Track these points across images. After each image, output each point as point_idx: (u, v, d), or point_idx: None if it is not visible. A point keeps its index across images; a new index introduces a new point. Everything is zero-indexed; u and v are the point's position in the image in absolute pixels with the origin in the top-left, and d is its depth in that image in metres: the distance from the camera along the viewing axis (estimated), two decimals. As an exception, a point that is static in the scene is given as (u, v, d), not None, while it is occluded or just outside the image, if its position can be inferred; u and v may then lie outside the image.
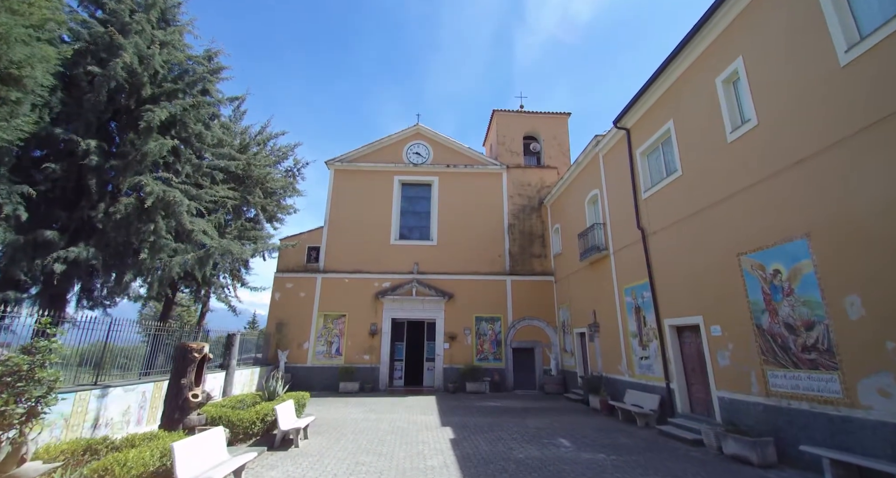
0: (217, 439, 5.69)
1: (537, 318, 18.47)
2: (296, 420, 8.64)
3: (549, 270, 19.19)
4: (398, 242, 19.48)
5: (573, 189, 16.57)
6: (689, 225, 9.47)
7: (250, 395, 10.14)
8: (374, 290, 18.55)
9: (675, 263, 9.94)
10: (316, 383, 17.21)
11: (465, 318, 18.34)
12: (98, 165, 8.25)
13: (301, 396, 10.44)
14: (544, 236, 19.77)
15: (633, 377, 11.61)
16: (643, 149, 11.42)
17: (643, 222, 11.30)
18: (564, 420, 11.02)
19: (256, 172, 12.43)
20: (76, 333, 7.97)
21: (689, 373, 9.76)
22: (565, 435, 9.21)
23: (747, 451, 7.05)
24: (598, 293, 14.00)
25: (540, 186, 20.53)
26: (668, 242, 10.27)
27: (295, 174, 14.74)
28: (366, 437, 9.00)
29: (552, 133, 21.58)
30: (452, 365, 17.67)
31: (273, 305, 18.33)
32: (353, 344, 17.86)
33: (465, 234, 19.57)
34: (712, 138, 8.75)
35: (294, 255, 19.03)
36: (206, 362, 7.32)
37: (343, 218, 19.59)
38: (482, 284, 18.84)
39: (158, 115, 8.23)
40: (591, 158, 14.60)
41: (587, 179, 15.12)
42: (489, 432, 9.49)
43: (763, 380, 7.37)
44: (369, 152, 20.74)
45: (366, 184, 20.21)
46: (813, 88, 6.69)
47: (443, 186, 20.37)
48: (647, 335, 11.00)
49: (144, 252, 8.49)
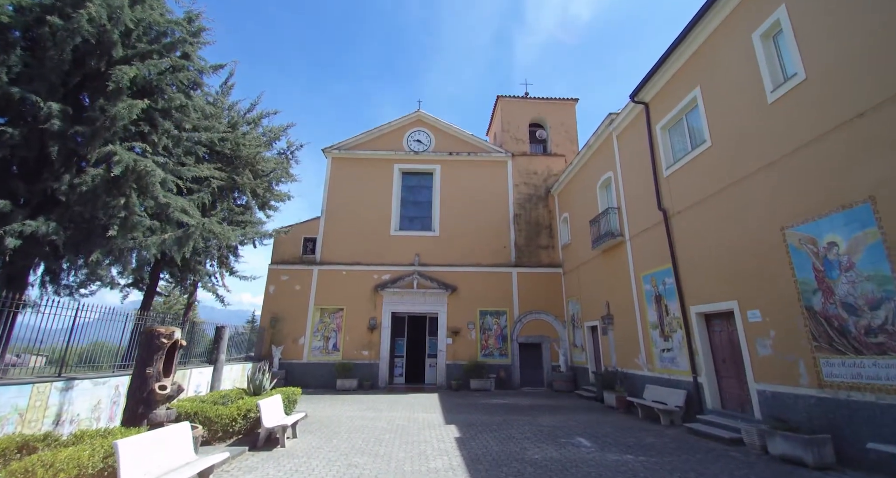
0: (181, 436, 4.78)
1: (545, 312, 17.53)
2: (283, 417, 7.72)
3: (556, 262, 18.25)
4: (398, 232, 18.57)
5: (584, 174, 15.65)
6: (719, 201, 8.54)
7: (235, 390, 9.23)
8: (373, 282, 17.64)
9: (703, 245, 9.00)
10: (312, 380, 16.29)
11: (468, 312, 17.41)
12: (61, 131, 7.36)
13: (291, 391, 9.53)
14: (552, 227, 18.84)
15: (654, 372, 10.67)
16: (664, 123, 10.50)
17: (665, 203, 10.37)
18: (579, 418, 10.08)
19: (246, 152, 11.53)
20: (37, 318, 7.11)
21: (719, 365, 8.82)
22: (584, 434, 8.27)
23: (800, 450, 6.10)
24: (613, 283, 13.07)
25: (547, 174, 19.61)
26: (694, 221, 9.34)
27: (288, 157, 13.82)
28: (361, 436, 8.07)
29: (559, 120, 20.66)
30: (456, 361, 16.74)
31: (267, 298, 17.42)
32: (352, 339, 16.95)
33: (469, 224, 18.66)
34: (749, 101, 7.82)
35: (289, 246, 18.14)
36: (178, 350, 6.40)
37: (341, 208, 18.69)
38: (487, 277, 17.92)
39: (127, 73, 7.33)
40: (605, 138, 13.68)
41: (599, 161, 14.19)
42: (498, 431, 8.56)
43: (815, 369, 6.43)
44: (368, 140, 19.85)
45: (364, 172, 19.31)
46: (874, 33, 5.77)
47: (445, 174, 19.46)
48: (670, 325, 10.06)
49: (113, 229, 7.58)
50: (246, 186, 11.43)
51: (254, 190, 12.01)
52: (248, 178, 11.42)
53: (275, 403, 7.78)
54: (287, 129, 13.38)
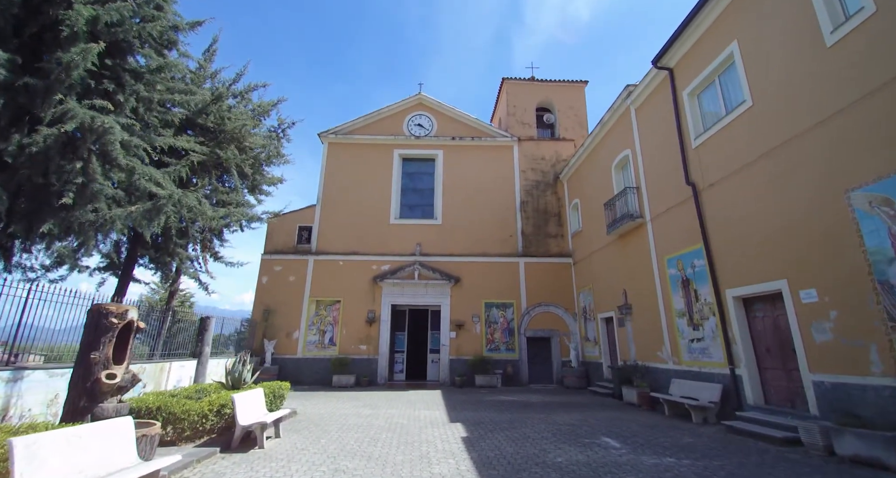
0: (117, 435, 3.76)
1: (554, 303, 16.48)
2: (263, 414, 6.71)
3: (566, 252, 17.19)
4: (399, 221, 17.55)
5: (597, 155, 14.60)
6: (762, 167, 7.50)
7: (213, 384, 8.21)
8: (371, 273, 16.62)
9: (742, 219, 7.96)
10: (306, 376, 15.29)
11: (473, 304, 16.38)
12: (8, 82, 6.38)
13: (278, 386, 8.52)
14: (560, 214, 17.78)
15: (681, 364, 9.61)
16: (692, 88, 9.46)
17: (693, 176, 9.32)
18: (600, 416, 9.04)
19: (231, 126, 10.52)
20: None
21: (761, 355, 7.77)
22: (609, 434, 7.23)
23: (878, 450, 5.06)
24: (631, 269, 12.02)
25: (555, 159, 18.56)
26: (730, 193, 8.29)
27: (279, 135, 12.80)
28: (354, 435, 7.05)
29: (568, 103, 19.61)
30: (460, 357, 15.70)
31: (259, 290, 16.42)
32: (349, 333, 15.93)
33: (473, 212, 17.63)
34: (800, 48, 6.78)
35: (283, 235, 17.14)
36: (135, 334, 5.38)
37: (338, 195, 17.68)
38: (492, 267, 16.88)
39: (82, 14, 6.34)
40: (621, 113, 12.63)
41: (615, 139, 13.14)
42: (511, 430, 7.52)
43: (891, 355, 5.38)
44: (366, 124, 18.83)
45: (363, 158, 18.30)
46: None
47: (448, 160, 18.43)
48: (701, 313, 9.01)
49: (68, 197, 6.58)
50: (231, 163, 10.41)
51: (240, 168, 10.99)
52: (232, 153, 10.39)
53: (254, 398, 6.76)
54: (278, 104, 12.35)
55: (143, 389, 9.41)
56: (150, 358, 10.14)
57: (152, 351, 11.51)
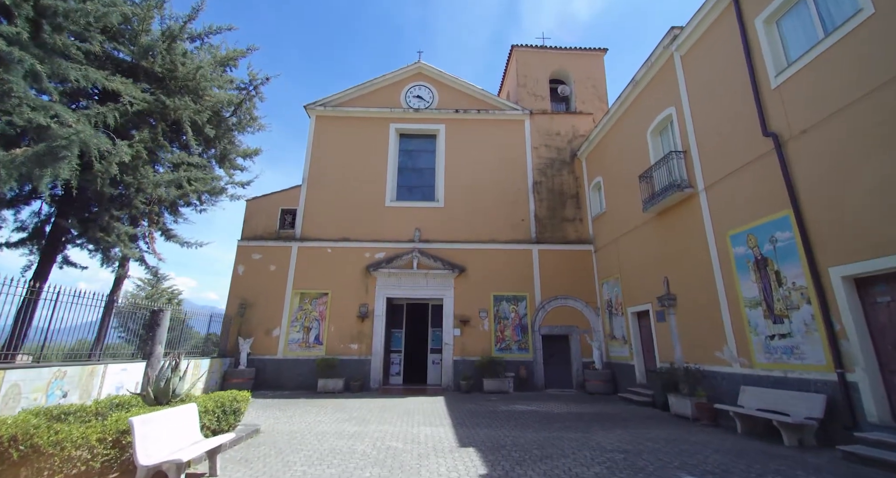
0: None
1: (573, 296, 14.39)
2: (193, 441, 4.61)
3: (585, 237, 15.10)
4: (395, 203, 15.45)
5: (627, 122, 12.51)
6: (885, 100, 5.41)
7: (130, 396, 6.03)
8: (364, 262, 14.52)
9: (854, 172, 5.88)
10: (288, 380, 13.19)
11: (480, 297, 14.29)
12: None
13: (231, 397, 6.40)
14: (579, 195, 15.69)
15: (753, 367, 7.52)
16: (770, 12, 7.37)
17: (774, 125, 7.23)
18: (653, 435, 6.95)
19: (183, 72, 8.41)
20: None
21: (886, 354, 5.68)
22: (688, 469, 5.13)
23: None
24: (676, 252, 9.93)
25: (572, 135, 16.47)
26: (831, 141, 6.21)
27: (251, 93, 10.69)
28: (325, 468, 4.95)
29: (585, 73, 17.50)
30: (465, 357, 13.62)
31: (235, 281, 14.30)
32: (338, 330, 13.83)
33: (480, 193, 15.54)
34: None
35: (263, 219, 15.03)
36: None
37: (326, 174, 15.58)
38: (502, 255, 14.79)
39: None
40: (662, 64, 10.53)
41: (653, 98, 11.05)
42: (546, 461, 5.42)
43: None
44: (360, 95, 16.71)
45: (355, 133, 16.19)
46: None
47: (451, 135, 16.32)
48: (787, 301, 6.92)
49: None
50: (183, 116, 8.28)
51: (198, 125, 8.86)
52: (185, 104, 8.26)
53: (180, 419, 4.65)
54: (248, 52, 10.23)
55: (61, 399, 7.32)
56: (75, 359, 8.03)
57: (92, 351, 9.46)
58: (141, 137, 7.64)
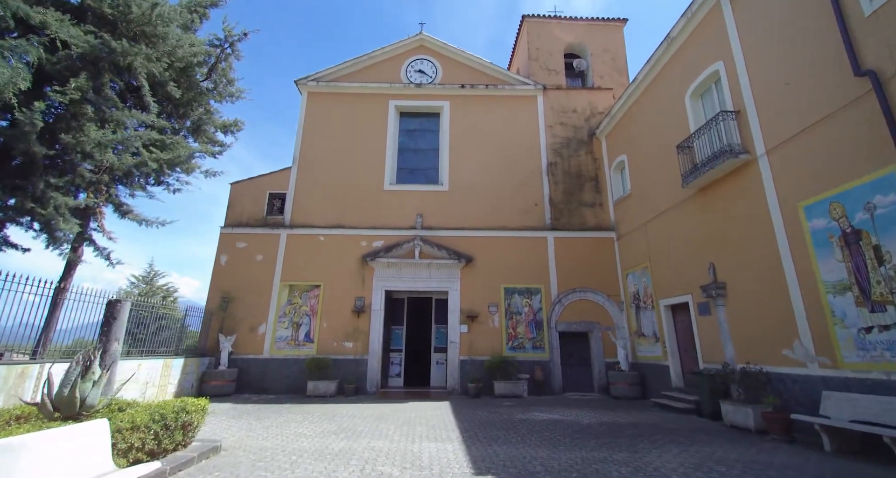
0: None
1: (592, 289, 12.88)
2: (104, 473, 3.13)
3: (606, 224, 13.59)
4: (395, 186, 13.98)
5: (658, 87, 10.98)
6: None
7: (23, 406, 4.55)
8: (360, 251, 13.06)
9: None
10: (274, 382, 11.74)
11: (490, 290, 12.80)
12: None
13: (179, 406, 4.93)
14: (598, 178, 14.17)
15: (841, 368, 6.00)
16: (862, -80, 5.85)
17: (871, 61, 5.71)
18: (720, 456, 5.44)
19: (137, 13, 6.93)
20: None
21: None
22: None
23: None
24: (724, 232, 8.42)
25: (589, 113, 14.94)
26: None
27: (226, 52, 9.22)
28: (290, 517, 3.47)
29: (603, 46, 15.97)
30: (473, 357, 12.13)
31: (217, 272, 12.87)
32: (331, 327, 12.37)
33: (489, 176, 14.05)
34: None
35: (249, 204, 13.60)
36: None
37: (319, 156, 14.13)
38: (513, 243, 13.29)
39: None
40: (704, 14, 9.01)
41: (694, 54, 9.51)
42: (597, 498, 3.92)
43: None
44: (356, 70, 15.25)
45: (351, 111, 14.73)
46: None
47: (456, 112, 14.84)
48: (893, 282, 5.40)
49: None
50: (135, 62, 6.80)
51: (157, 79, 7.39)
52: (138, 50, 6.78)
53: (74, 442, 3.18)
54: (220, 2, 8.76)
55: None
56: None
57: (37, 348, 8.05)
58: (77, 84, 6.19)
